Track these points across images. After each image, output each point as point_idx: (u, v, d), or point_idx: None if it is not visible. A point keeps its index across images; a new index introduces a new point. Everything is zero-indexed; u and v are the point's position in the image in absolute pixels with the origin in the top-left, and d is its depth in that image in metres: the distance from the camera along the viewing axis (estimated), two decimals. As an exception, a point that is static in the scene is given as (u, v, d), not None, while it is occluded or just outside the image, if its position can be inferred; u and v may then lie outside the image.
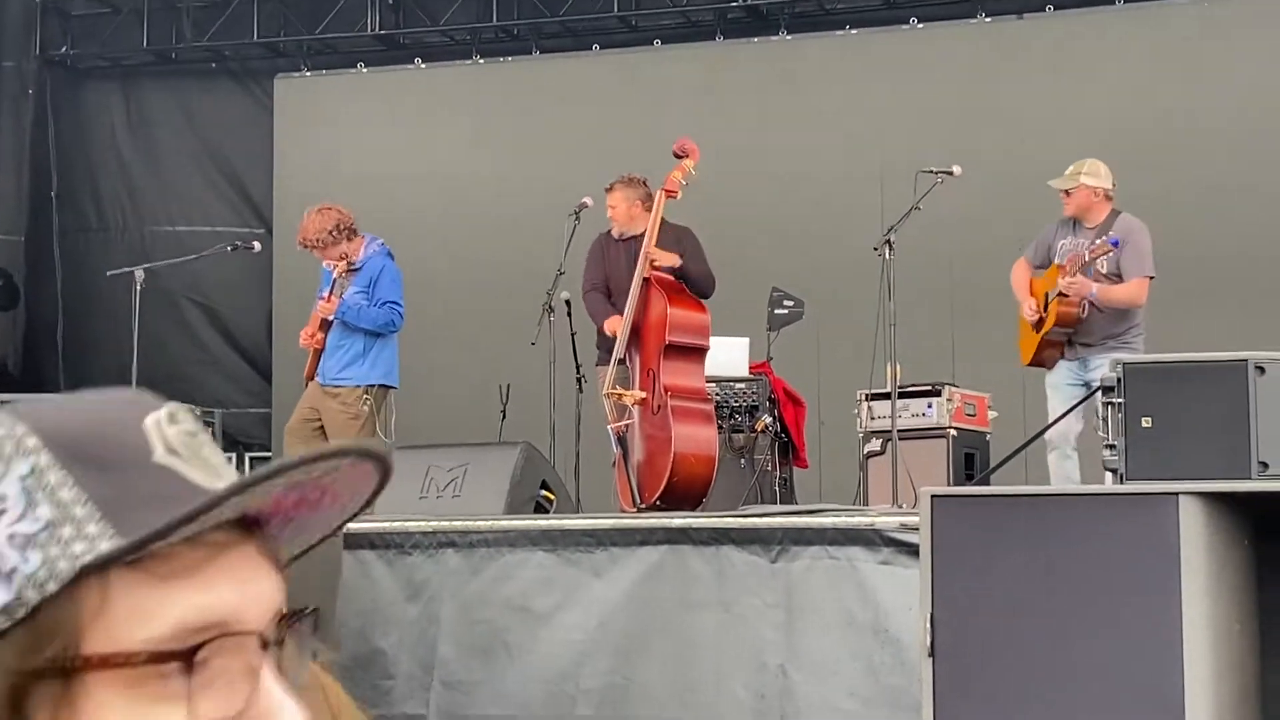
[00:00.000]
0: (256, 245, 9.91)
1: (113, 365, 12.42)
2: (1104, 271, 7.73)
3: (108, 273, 10.46)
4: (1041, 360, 7.93)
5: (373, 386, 8.33)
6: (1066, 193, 8.07)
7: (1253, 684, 4.16)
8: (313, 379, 8.48)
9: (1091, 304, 7.73)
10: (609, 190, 8.44)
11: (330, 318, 8.30)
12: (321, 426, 8.34)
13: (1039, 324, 7.91)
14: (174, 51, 13.71)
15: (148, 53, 13.70)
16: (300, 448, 8.37)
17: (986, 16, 12.01)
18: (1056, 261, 7.93)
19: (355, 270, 8.38)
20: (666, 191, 7.99)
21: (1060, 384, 7.88)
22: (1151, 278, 7.80)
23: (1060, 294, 7.71)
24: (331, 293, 8.31)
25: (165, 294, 12.96)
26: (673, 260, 7.85)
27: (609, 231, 8.50)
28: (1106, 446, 4.44)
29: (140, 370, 9.77)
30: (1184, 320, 10.40)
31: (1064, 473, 7.63)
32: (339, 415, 8.25)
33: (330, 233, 8.27)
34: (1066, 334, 7.83)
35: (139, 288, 9.09)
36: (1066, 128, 11.29)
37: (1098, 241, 7.62)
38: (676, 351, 7.63)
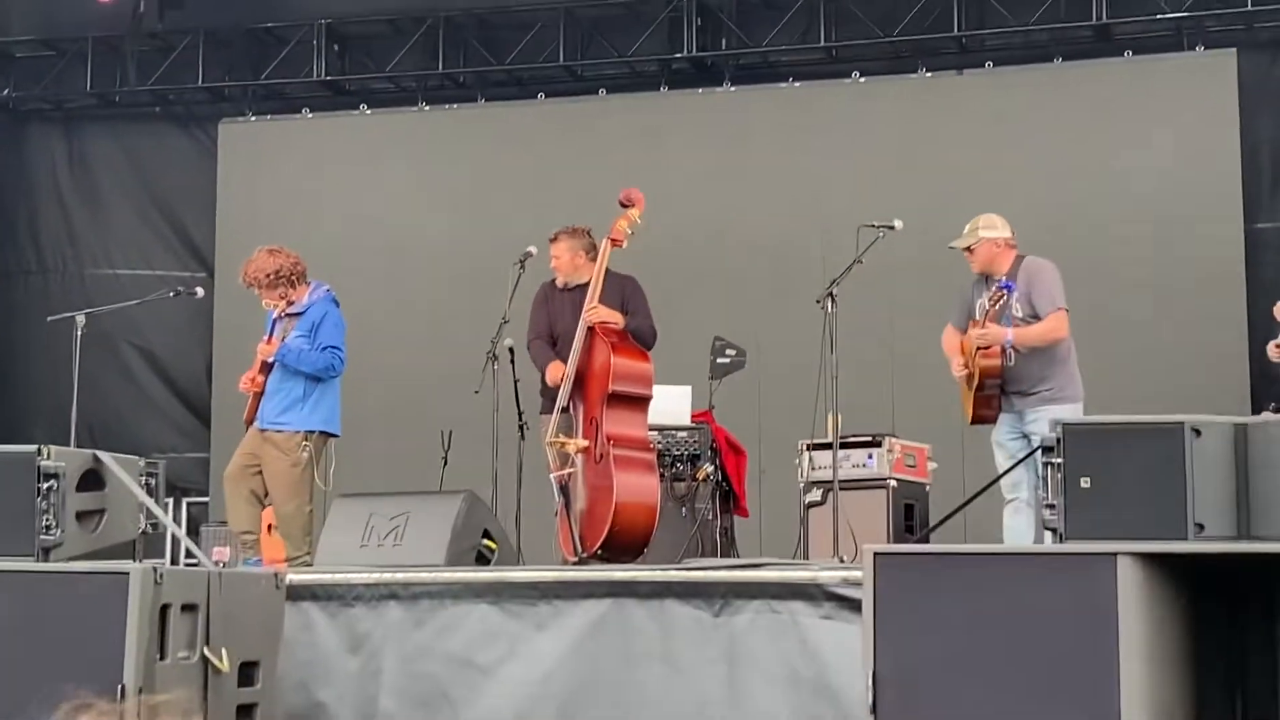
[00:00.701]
0: (199, 291, 9.88)
1: (52, 408, 12.34)
2: (1020, 316, 7.72)
3: (49, 318, 10.41)
4: (983, 417, 7.93)
5: (312, 433, 8.29)
6: (969, 250, 8.05)
7: (1189, 743, 4.21)
8: (251, 423, 8.44)
9: (1015, 350, 7.74)
10: (553, 240, 8.45)
11: (270, 360, 8.28)
12: (260, 472, 8.30)
13: (970, 380, 7.94)
14: (117, 95, 13.65)
15: (90, 96, 13.64)
16: (239, 494, 8.35)
17: (927, 72, 12.15)
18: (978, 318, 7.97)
19: (298, 315, 8.36)
20: (612, 241, 8.02)
21: (1003, 440, 7.89)
22: (1066, 309, 7.76)
23: (979, 348, 7.72)
24: (273, 335, 8.30)
25: (105, 338, 12.86)
26: (615, 318, 7.89)
27: (553, 280, 8.50)
28: (1047, 506, 4.48)
29: (80, 414, 9.72)
30: (1117, 372, 10.55)
31: (1015, 527, 7.65)
32: (278, 461, 8.22)
33: (269, 276, 8.29)
34: (998, 386, 7.80)
35: (80, 333, 9.04)
36: (1007, 182, 11.43)
37: (991, 290, 7.62)
38: (619, 401, 7.64)
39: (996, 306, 7.64)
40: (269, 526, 9.69)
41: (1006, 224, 8.05)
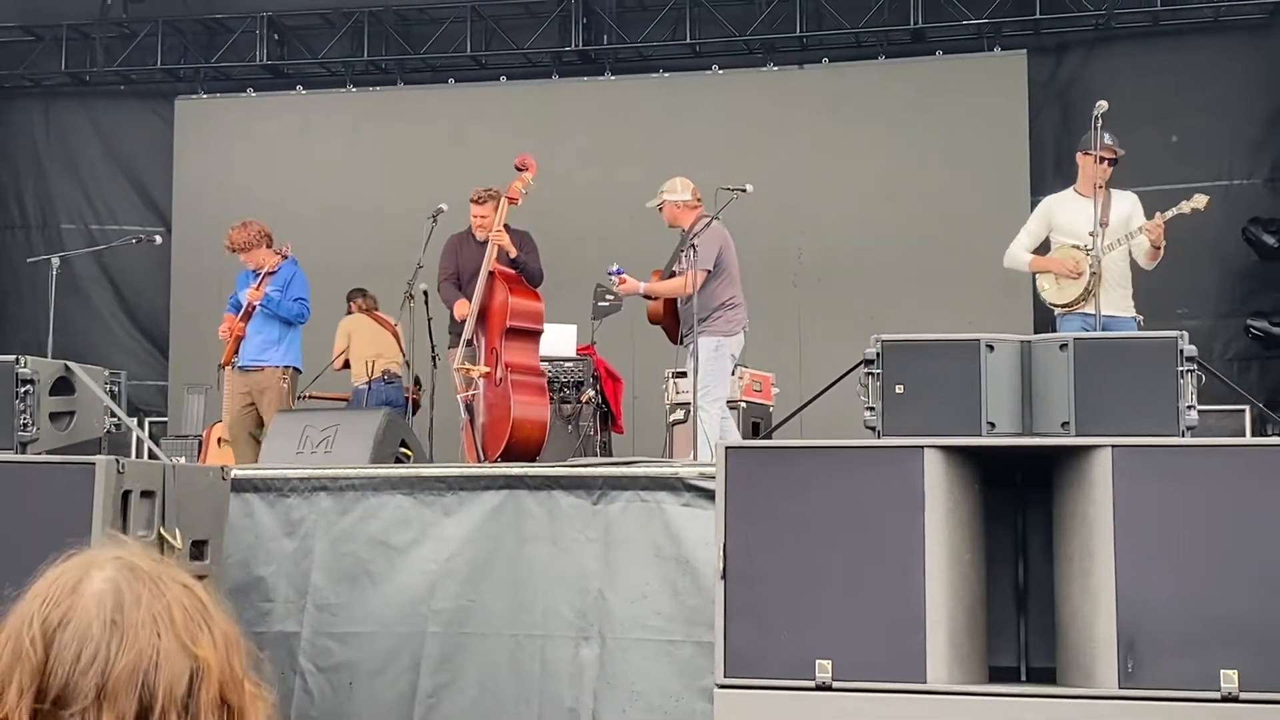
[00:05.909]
0: (158, 238, 9.70)
1: (31, 340, 12.06)
2: (683, 269, 7.74)
3: (28, 259, 10.22)
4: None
5: (288, 368, 8.50)
6: (661, 209, 8.05)
7: (978, 601, 4.27)
8: (228, 365, 8.54)
9: (648, 298, 7.99)
10: (481, 202, 8.27)
11: (255, 305, 8.48)
12: (253, 404, 8.43)
13: None
14: (88, 75, 13.33)
15: (65, 75, 13.30)
16: (241, 437, 8.45)
17: (774, 66, 12.18)
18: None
19: (272, 274, 8.56)
20: (509, 199, 7.97)
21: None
22: (708, 270, 7.69)
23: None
24: (259, 285, 8.44)
25: (78, 280, 12.73)
26: (509, 247, 7.85)
27: (465, 232, 8.44)
28: (867, 409, 4.51)
29: (55, 345, 9.51)
30: (920, 328, 10.66)
31: (722, 428, 7.63)
32: (267, 392, 8.43)
33: (255, 237, 8.57)
34: (664, 329, 8.03)
35: (55, 274, 8.87)
36: (839, 161, 11.52)
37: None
38: (516, 334, 7.62)
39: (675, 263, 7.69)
40: (219, 440, 9.59)
41: (687, 187, 8.03)
